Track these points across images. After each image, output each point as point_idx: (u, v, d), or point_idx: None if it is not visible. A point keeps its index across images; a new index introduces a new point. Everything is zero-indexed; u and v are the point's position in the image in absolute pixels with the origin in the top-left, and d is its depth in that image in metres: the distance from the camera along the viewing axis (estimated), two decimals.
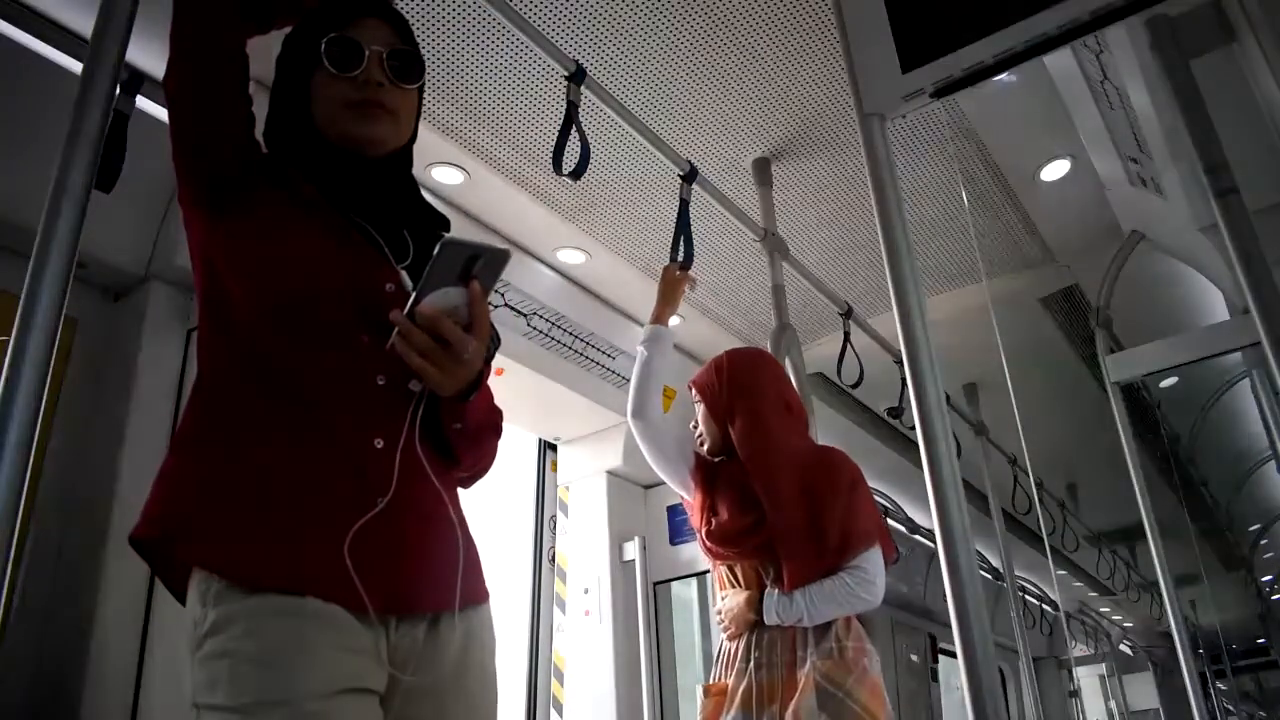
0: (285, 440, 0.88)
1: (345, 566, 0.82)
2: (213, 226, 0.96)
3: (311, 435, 0.88)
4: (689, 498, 1.90)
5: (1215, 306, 3.66)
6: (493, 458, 1.10)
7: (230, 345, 0.93)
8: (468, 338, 0.90)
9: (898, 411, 3.17)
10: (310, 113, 1.02)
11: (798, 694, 1.59)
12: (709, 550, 1.80)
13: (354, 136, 1.01)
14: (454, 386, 0.94)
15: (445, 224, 1.09)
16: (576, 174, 1.81)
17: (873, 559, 1.70)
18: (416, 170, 1.12)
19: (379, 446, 0.90)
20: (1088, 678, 8.39)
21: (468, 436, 1.00)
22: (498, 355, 1.72)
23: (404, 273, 1.00)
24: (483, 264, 0.91)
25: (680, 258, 2.11)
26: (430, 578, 0.92)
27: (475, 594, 0.97)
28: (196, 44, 0.98)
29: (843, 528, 1.69)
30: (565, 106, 1.83)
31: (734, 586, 1.77)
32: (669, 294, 2.00)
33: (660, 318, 1.95)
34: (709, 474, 1.87)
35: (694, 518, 1.86)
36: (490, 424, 1.06)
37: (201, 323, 0.97)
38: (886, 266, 1.12)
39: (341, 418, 0.90)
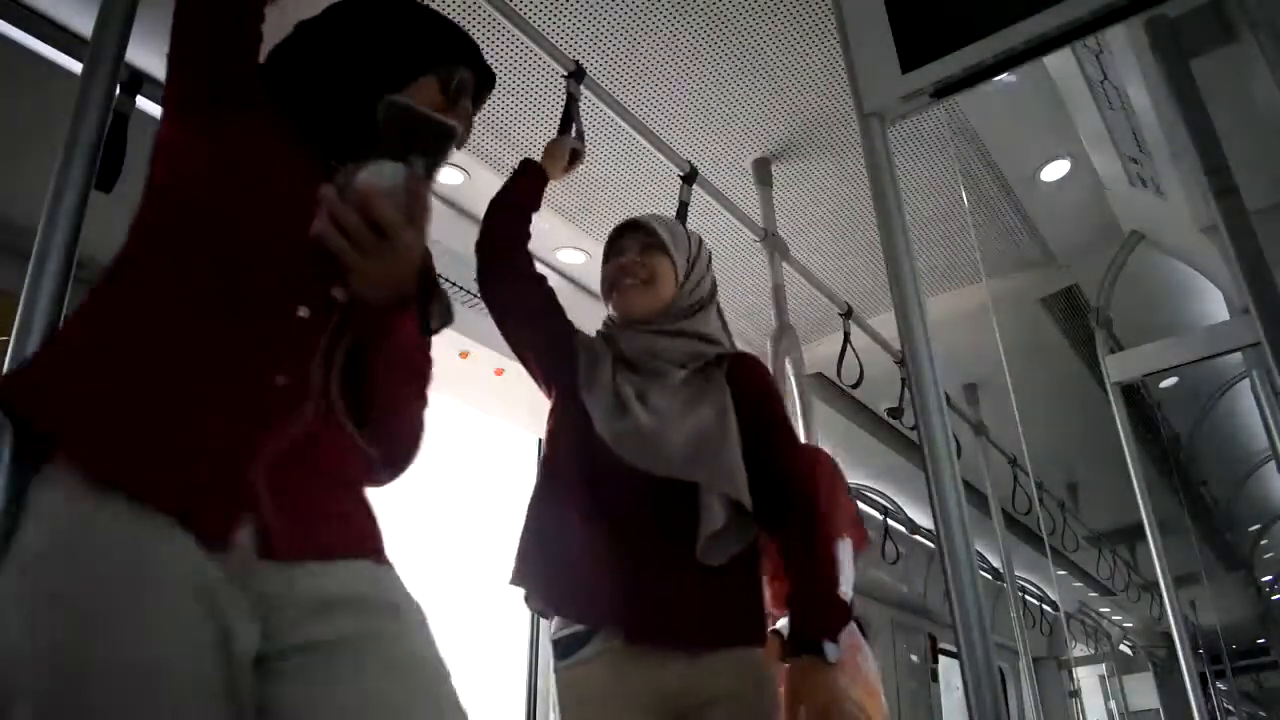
0: (185, 354, 0.78)
1: (216, 498, 0.73)
2: (195, 131, 0.91)
3: (212, 356, 0.79)
4: None
5: (1215, 306, 3.67)
6: (415, 435, 0.97)
7: (168, 242, 0.85)
8: (403, 222, 0.81)
9: (898, 411, 3.16)
10: (396, 86, 0.98)
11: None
12: None
13: None
14: (383, 289, 0.84)
15: None
16: (579, 138, 1.76)
17: (842, 553, 1.71)
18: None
19: (280, 384, 0.80)
20: (1088, 678, 8.40)
21: (390, 376, 0.88)
22: (498, 356, 1.70)
23: None
24: (425, 139, 0.83)
25: None
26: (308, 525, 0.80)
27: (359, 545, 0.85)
28: None
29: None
30: (565, 101, 1.83)
31: None
32: None
33: None
34: None
35: None
36: (418, 373, 0.95)
37: (143, 212, 0.89)
38: (886, 266, 1.12)
39: (247, 344, 0.80)
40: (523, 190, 1.54)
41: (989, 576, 5.51)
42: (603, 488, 1.29)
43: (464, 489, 3.39)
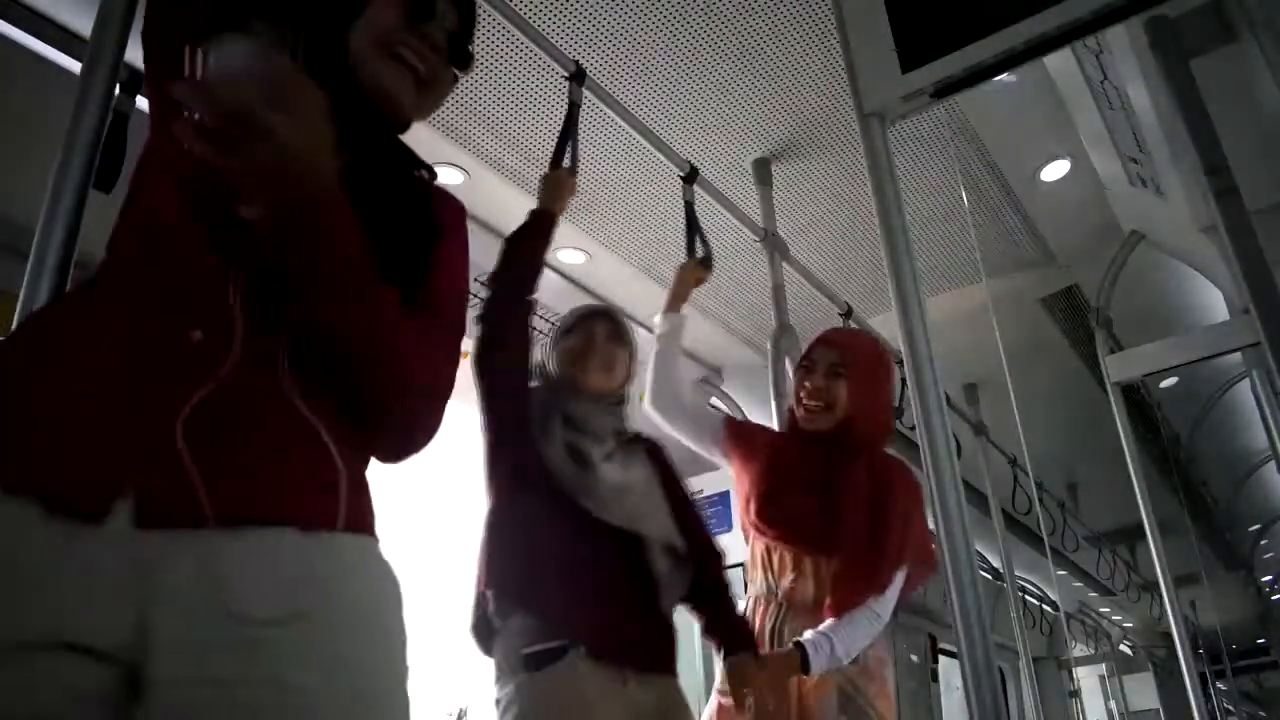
0: (89, 327, 0.71)
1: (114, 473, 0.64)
2: (160, 118, 0.84)
3: (116, 320, 0.71)
4: (722, 463, 1.91)
5: (1215, 306, 3.67)
6: (411, 400, 0.80)
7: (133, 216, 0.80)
8: (257, 100, 0.63)
9: (898, 412, 3.16)
10: (345, 39, 0.85)
11: (813, 690, 1.59)
12: (756, 527, 1.76)
13: (380, 88, 0.85)
14: (278, 192, 0.67)
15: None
16: (571, 172, 1.81)
17: (899, 578, 1.71)
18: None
19: (196, 340, 0.70)
20: (1088, 678, 8.40)
21: (331, 317, 0.72)
22: None
23: None
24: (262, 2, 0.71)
25: (700, 254, 2.13)
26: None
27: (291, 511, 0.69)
28: None
29: (900, 549, 1.69)
30: (567, 106, 1.84)
31: (766, 570, 1.75)
32: (681, 288, 2.01)
33: (672, 307, 1.97)
34: (751, 443, 1.86)
35: (741, 488, 1.83)
36: (442, 335, 0.81)
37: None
38: (886, 266, 1.12)
39: (154, 299, 0.72)
40: (541, 247, 1.73)
41: (989, 576, 5.51)
42: (566, 522, 1.43)
43: (462, 489, 3.39)
